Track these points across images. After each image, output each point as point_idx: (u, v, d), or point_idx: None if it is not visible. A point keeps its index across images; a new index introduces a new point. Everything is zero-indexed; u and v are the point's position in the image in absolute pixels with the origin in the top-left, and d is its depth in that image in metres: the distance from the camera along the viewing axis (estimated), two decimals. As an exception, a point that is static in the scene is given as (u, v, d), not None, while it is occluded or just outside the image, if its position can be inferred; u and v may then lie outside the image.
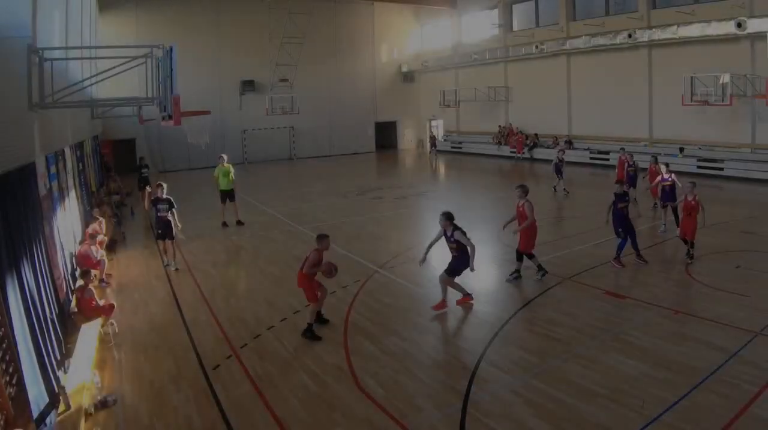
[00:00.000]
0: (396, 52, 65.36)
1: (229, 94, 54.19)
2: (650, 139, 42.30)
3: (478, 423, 9.43)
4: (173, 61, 15.86)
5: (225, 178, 25.59)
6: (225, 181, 25.58)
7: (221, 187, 25.62)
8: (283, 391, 10.79)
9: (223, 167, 25.63)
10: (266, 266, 19.79)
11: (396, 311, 15.03)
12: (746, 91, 33.21)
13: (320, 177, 43.66)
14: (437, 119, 65.18)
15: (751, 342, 11.83)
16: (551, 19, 49.81)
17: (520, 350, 12.19)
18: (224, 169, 25.61)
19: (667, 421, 9.13)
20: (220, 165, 25.84)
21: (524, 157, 50.33)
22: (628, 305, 14.63)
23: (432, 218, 21.49)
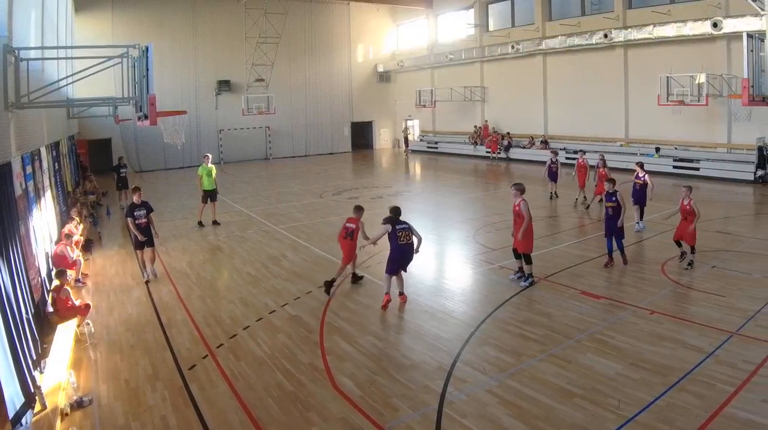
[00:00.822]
0: (372, 52, 65.37)
1: (205, 94, 54.02)
2: (626, 139, 42.49)
3: (454, 423, 9.47)
4: (149, 61, 15.86)
5: (209, 177, 25.47)
6: (209, 180, 25.45)
7: (204, 187, 25.47)
8: (259, 390, 10.80)
9: (207, 167, 25.46)
10: (242, 266, 19.77)
11: (372, 311, 15.04)
12: (722, 91, 33.34)
13: (296, 177, 43.55)
14: (413, 119, 65.35)
15: (727, 342, 11.94)
16: (527, 19, 49.96)
17: (495, 350, 12.23)
18: (208, 168, 25.47)
19: (642, 421, 9.20)
20: (204, 164, 25.69)
21: (500, 157, 50.39)
22: (604, 305, 14.71)
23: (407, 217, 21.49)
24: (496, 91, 54.31)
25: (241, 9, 51.67)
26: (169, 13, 51.21)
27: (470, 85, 55.00)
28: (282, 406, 10.22)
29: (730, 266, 17.45)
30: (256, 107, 52.20)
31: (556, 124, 48.73)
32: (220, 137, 54.72)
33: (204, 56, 53.42)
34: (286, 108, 57.16)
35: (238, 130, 55.59)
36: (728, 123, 35.77)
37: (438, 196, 34.47)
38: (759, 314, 13.41)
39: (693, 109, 35.02)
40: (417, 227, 16.12)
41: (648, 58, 39.58)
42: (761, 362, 10.92)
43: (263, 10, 50.54)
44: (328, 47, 61.59)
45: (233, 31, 52.99)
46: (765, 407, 9.38)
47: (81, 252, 19.79)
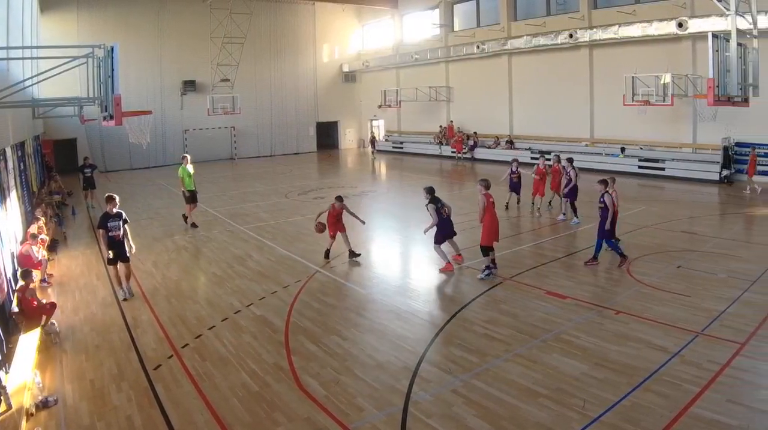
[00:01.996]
0: (337, 52, 65.48)
1: (171, 94, 53.80)
2: (591, 139, 42.75)
3: (419, 423, 9.46)
4: (114, 61, 15.77)
5: (190, 178, 25.26)
6: (190, 181, 25.23)
7: (188, 187, 25.20)
8: (224, 390, 10.77)
9: (186, 168, 25.22)
10: (207, 266, 19.73)
11: (337, 311, 15.03)
12: (687, 91, 33.60)
13: (262, 177, 43.47)
14: (378, 119, 65.47)
15: (693, 342, 12.01)
16: (492, 19, 50.23)
17: (461, 350, 12.23)
18: (188, 170, 25.22)
19: (608, 421, 9.23)
20: (183, 165, 25.40)
21: (465, 156, 50.56)
22: (569, 305, 14.72)
23: (372, 217, 21.61)
24: (462, 91, 54.45)
25: (206, 9, 51.42)
26: (135, 13, 50.94)
27: (435, 85, 55.11)
28: (247, 406, 10.19)
29: (695, 266, 17.57)
30: (222, 107, 52.02)
31: (521, 125, 48.98)
32: (186, 137, 54.52)
33: (169, 56, 53.23)
34: (252, 108, 57.16)
35: (204, 131, 55.41)
36: (693, 123, 36.10)
37: (403, 196, 34.59)
38: (724, 314, 13.49)
39: (658, 110, 35.23)
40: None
41: (613, 58, 39.85)
42: (726, 362, 10.98)
43: (228, 10, 50.42)
44: (294, 47, 61.62)
45: (198, 31, 52.69)
46: (730, 407, 9.42)
47: (46, 252, 19.67)
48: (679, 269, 17.33)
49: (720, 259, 18.13)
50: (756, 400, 9.63)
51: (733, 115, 30.20)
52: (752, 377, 10.45)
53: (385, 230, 24.92)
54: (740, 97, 21.20)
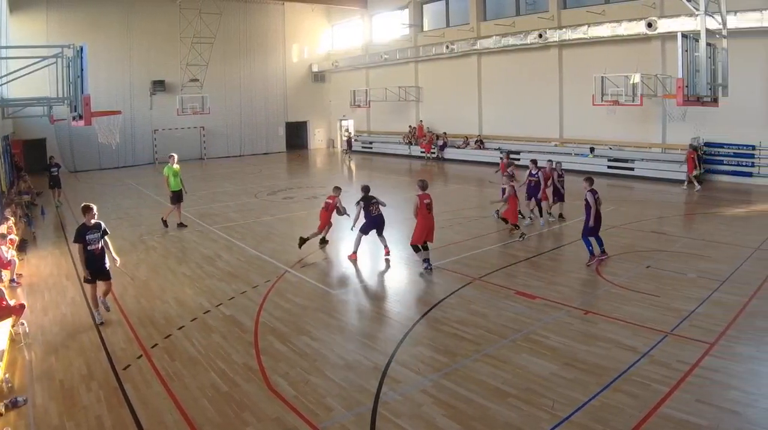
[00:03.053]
0: (307, 52, 65.48)
1: (140, 94, 53.49)
2: (561, 139, 42.96)
3: (388, 423, 9.46)
4: (84, 61, 15.75)
5: (175, 178, 25.05)
6: (175, 181, 25.04)
7: (172, 188, 25.04)
8: (194, 390, 10.73)
9: (173, 167, 25.03)
10: (177, 266, 19.61)
11: (307, 311, 15.00)
12: (657, 91, 33.86)
13: (231, 177, 43.35)
14: (348, 119, 65.52)
15: (662, 342, 12.07)
16: (462, 19, 50.35)
17: (430, 350, 12.27)
18: (174, 169, 25.02)
19: (577, 421, 9.26)
20: (170, 165, 25.19)
21: (434, 156, 50.66)
22: (539, 305, 14.77)
23: (342, 217, 21.62)
24: (431, 91, 54.63)
25: (175, 9, 51.20)
26: (104, 13, 50.66)
27: (405, 85, 55.21)
28: (216, 406, 10.17)
29: (664, 266, 17.68)
30: (191, 107, 51.81)
31: (490, 125, 49.11)
32: (155, 137, 54.26)
33: (138, 56, 52.94)
34: (221, 108, 56.89)
35: (173, 130, 55.08)
36: (663, 123, 36.35)
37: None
38: (693, 314, 13.58)
39: (627, 109, 35.40)
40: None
41: (582, 58, 40.10)
42: (695, 362, 11.05)
43: (198, 11, 50.33)
44: (263, 47, 61.57)
45: (168, 31, 52.50)
46: (699, 407, 9.48)
47: (16, 252, 19.51)
48: (649, 269, 17.44)
49: (689, 259, 18.26)
50: (725, 400, 9.68)
51: (702, 115, 30.43)
52: (722, 377, 10.48)
53: (354, 231, 24.77)
54: (709, 97, 21.40)
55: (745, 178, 32.95)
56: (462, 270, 17.84)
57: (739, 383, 10.25)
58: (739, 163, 33.46)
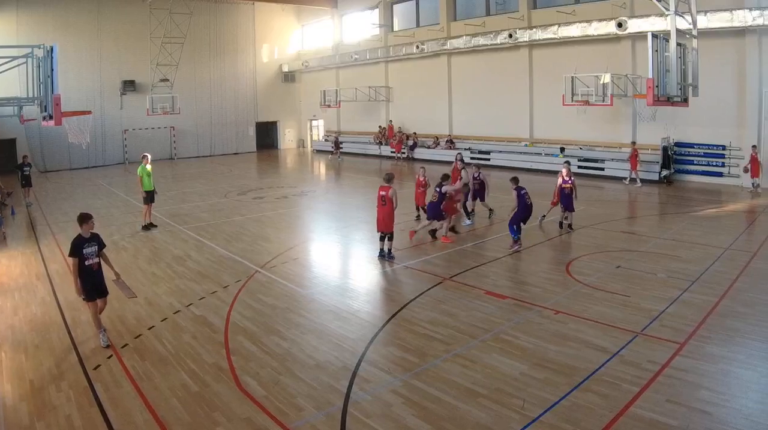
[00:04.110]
0: (277, 52, 65.59)
1: (110, 94, 53.31)
2: (531, 139, 43.09)
3: (359, 423, 9.44)
4: (54, 62, 15.69)
5: (149, 178, 24.91)
6: (149, 181, 24.89)
7: (145, 188, 24.82)
8: (164, 390, 10.67)
9: (146, 167, 24.86)
10: (147, 266, 19.47)
11: (277, 311, 14.95)
12: (627, 91, 34.03)
13: (201, 177, 43.25)
14: (318, 119, 65.76)
15: (632, 342, 12.10)
16: (432, 19, 50.54)
17: (400, 350, 12.25)
18: (147, 169, 24.88)
19: (547, 421, 9.26)
20: (143, 165, 24.97)
21: (404, 156, 50.79)
22: (509, 305, 14.79)
23: (312, 217, 21.60)
24: (401, 91, 54.80)
25: (145, 9, 50.95)
26: (74, 13, 50.45)
27: (375, 85, 55.35)
28: (187, 406, 10.11)
29: (635, 266, 17.75)
30: (161, 107, 51.58)
31: (461, 124, 49.35)
32: (125, 137, 54.08)
33: (109, 56, 52.79)
34: (191, 108, 56.94)
35: (143, 131, 54.92)
36: (633, 123, 36.51)
37: (343, 196, 34.76)
38: (664, 314, 13.64)
39: (598, 109, 35.63)
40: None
41: (553, 58, 40.33)
42: (666, 362, 11.09)
43: (168, 10, 50.15)
44: (233, 47, 61.61)
45: (138, 31, 52.34)
46: (669, 407, 9.50)
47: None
48: (619, 269, 17.51)
49: (660, 259, 18.34)
50: (695, 400, 9.71)
51: (672, 115, 30.67)
52: (692, 377, 10.51)
53: (324, 230, 25.02)
54: (680, 97, 21.48)
55: (716, 178, 33.21)
56: (432, 270, 17.85)
57: (710, 383, 10.29)
58: (709, 163, 33.71)
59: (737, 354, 11.46)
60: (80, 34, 50.72)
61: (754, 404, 9.58)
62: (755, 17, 28.73)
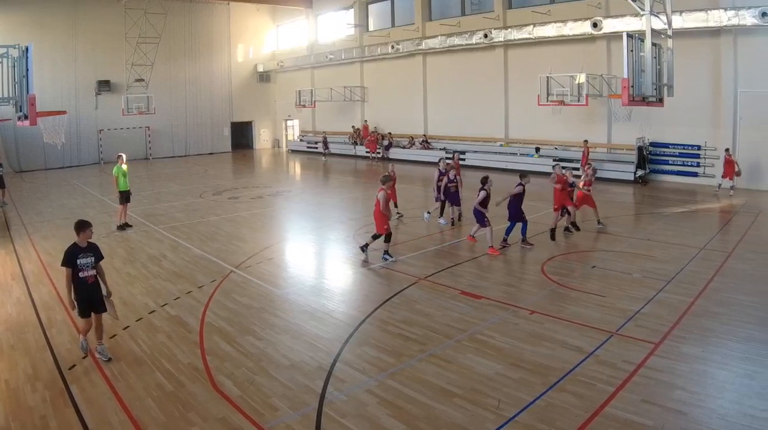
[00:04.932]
0: (252, 52, 65.65)
1: (85, 94, 53.15)
2: (506, 139, 43.19)
3: (334, 423, 9.43)
4: (29, 62, 15.62)
5: (124, 178, 24.80)
6: (124, 181, 24.77)
7: (121, 188, 24.72)
8: (139, 391, 10.62)
9: (121, 167, 24.77)
10: (122, 266, 19.33)
11: (252, 311, 14.92)
12: (602, 92, 34.07)
13: (176, 177, 43.17)
14: (293, 119, 65.86)
15: (607, 342, 12.13)
16: (407, 19, 50.63)
17: (375, 350, 12.24)
18: (123, 169, 24.78)
19: (523, 421, 9.27)
20: (119, 165, 24.88)
21: (379, 156, 50.85)
22: (484, 305, 14.78)
23: (287, 217, 21.56)
24: (376, 91, 54.93)
25: (121, 9, 50.68)
26: (50, 13, 50.18)
27: (350, 85, 55.47)
28: (162, 406, 10.07)
29: (610, 266, 17.82)
30: (136, 107, 51.43)
31: (436, 125, 49.45)
32: (100, 137, 53.87)
33: (84, 56, 52.61)
34: (166, 108, 56.95)
35: (118, 131, 54.67)
36: (608, 123, 36.76)
37: (318, 196, 34.66)
38: (639, 314, 13.69)
39: (573, 110, 35.78)
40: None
41: (528, 58, 40.37)
42: (641, 362, 11.13)
43: (143, 11, 50.00)
44: (208, 47, 61.56)
45: (113, 31, 52.03)
46: (644, 407, 9.54)
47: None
48: (594, 269, 17.59)
49: (635, 259, 18.41)
50: (671, 400, 9.75)
51: (647, 115, 30.81)
52: (667, 377, 10.56)
53: (299, 230, 25.02)
54: (655, 97, 21.53)
55: (691, 178, 33.45)
56: (407, 270, 17.85)
57: (685, 383, 10.34)
58: (684, 163, 33.93)
59: (712, 354, 11.53)
60: (55, 34, 50.47)
61: (729, 404, 9.61)
62: (730, 17, 28.94)
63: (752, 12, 28.10)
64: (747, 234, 21.68)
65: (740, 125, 31.16)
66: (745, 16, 28.43)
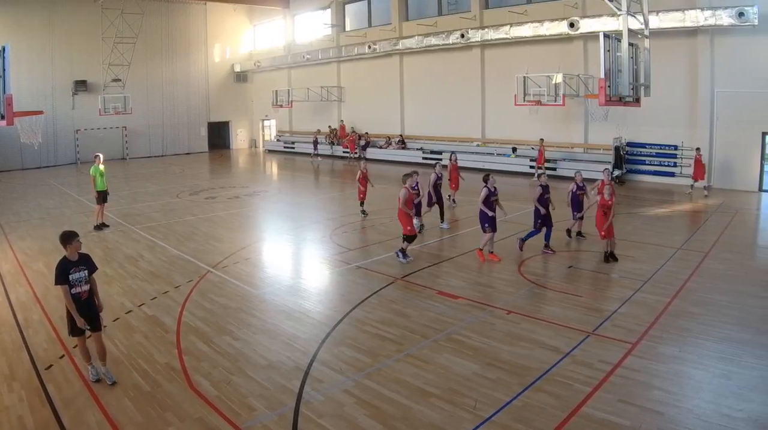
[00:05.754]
0: (229, 52, 65.42)
1: (62, 94, 52.77)
2: (483, 139, 43.25)
3: (311, 423, 9.41)
4: (6, 61, 15.55)
5: (102, 178, 24.70)
6: (101, 181, 24.67)
7: (98, 188, 24.61)
8: (116, 390, 10.58)
9: (98, 167, 24.63)
10: (99, 266, 19.04)
11: (229, 311, 14.89)
12: (579, 91, 34.22)
13: (153, 177, 42.97)
14: (270, 119, 65.72)
15: (584, 342, 12.18)
16: (384, 19, 50.61)
17: (352, 350, 12.24)
18: (100, 169, 24.65)
19: (499, 421, 9.28)
20: (96, 165, 24.74)
21: (356, 156, 50.52)
22: (461, 305, 14.80)
23: (264, 217, 21.51)
24: (353, 91, 54.82)
25: (97, 9, 50.50)
26: (27, 13, 49.87)
27: (327, 85, 55.34)
28: (139, 406, 10.03)
29: (586, 266, 17.98)
30: (113, 107, 50.99)
31: (413, 124, 49.45)
32: (77, 137, 53.50)
33: (61, 56, 52.27)
34: (143, 108, 56.54)
35: (95, 130, 54.38)
36: (585, 123, 36.90)
37: (295, 196, 34.66)
38: (616, 314, 13.74)
39: (550, 109, 35.80)
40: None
41: (505, 58, 40.46)
42: (617, 362, 11.17)
43: (120, 11, 49.83)
44: (185, 47, 61.27)
45: (90, 31, 51.81)
46: (621, 406, 9.57)
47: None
48: (571, 269, 17.69)
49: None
50: (647, 400, 9.78)
51: (624, 115, 30.91)
52: (644, 377, 10.59)
53: (276, 230, 24.99)
54: (632, 97, 21.58)
55: (668, 178, 33.61)
56: (384, 270, 17.86)
57: (662, 383, 10.37)
58: (661, 163, 34.11)
59: (689, 354, 11.58)
60: (32, 34, 50.18)
61: (706, 404, 9.65)
62: (707, 17, 29.14)
63: (729, 12, 28.28)
64: (723, 234, 21.81)
65: (717, 125, 31.32)
66: (722, 16, 28.61)
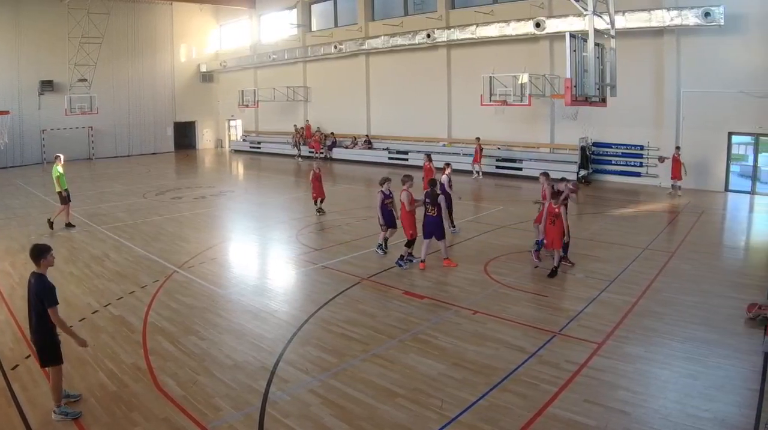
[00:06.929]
0: (195, 52, 65.27)
1: (28, 93, 52.49)
2: (449, 139, 43.34)
3: (277, 423, 9.38)
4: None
5: (63, 177, 24.41)
6: (64, 180, 24.38)
7: (63, 187, 24.35)
8: (82, 390, 10.48)
9: (58, 168, 24.35)
10: (65, 266, 19.01)
11: (195, 311, 14.82)
12: (545, 91, 34.34)
13: (119, 177, 42.62)
14: (236, 119, 65.77)
15: (550, 342, 12.19)
16: (350, 19, 50.66)
17: (318, 350, 12.20)
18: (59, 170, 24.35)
19: (466, 421, 9.27)
20: (55, 165, 24.50)
21: (322, 156, 50.62)
22: (427, 305, 14.82)
23: (231, 218, 21.41)
24: (320, 91, 54.88)
25: (63, 9, 50.29)
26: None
27: (293, 85, 55.42)
28: (105, 406, 9.97)
29: (552, 266, 17.89)
30: (79, 107, 50.99)
31: (379, 124, 49.52)
32: (43, 137, 53.15)
33: (27, 56, 51.94)
34: (110, 108, 56.34)
35: (61, 130, 54.05)
36: (551, 123, 37.10)
37: (261, 196, 34.74)
38: (582, 315, 13.78)
39: (516, 109, 35.92)
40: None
41: (471, 58, 40.55)
42: (584, 362, 11.20)
43: (86, 11, 49.59)
44: (151, 47, 61.03)
45: (56, 31, 51.59)
46: (587, 406, 9.59)
47: None
48: (537, 269, 17.67)
49: (578, 259, 18.44)
50: (613, 400, 9.82)
51: (590, 115, 31.05)
52: (610, 376, 10.64)
53: (243, 230, 25.00)
54: (598, 97, 21.62)
55: (634, 178, 33.84)
56: (350, 270, 17.85)
57: (628, 383, 10.41)
58: (627, 163, 34.32)
59: (655, 354, 11.63)
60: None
61: (672, 404, 9.69)
62: (673, 17, 29.37)
63: (695, 12, 28.54)
64: (690, 234, 21.97)
65: (683, 126, 31.53)
66: (688, 16, 28.84)
